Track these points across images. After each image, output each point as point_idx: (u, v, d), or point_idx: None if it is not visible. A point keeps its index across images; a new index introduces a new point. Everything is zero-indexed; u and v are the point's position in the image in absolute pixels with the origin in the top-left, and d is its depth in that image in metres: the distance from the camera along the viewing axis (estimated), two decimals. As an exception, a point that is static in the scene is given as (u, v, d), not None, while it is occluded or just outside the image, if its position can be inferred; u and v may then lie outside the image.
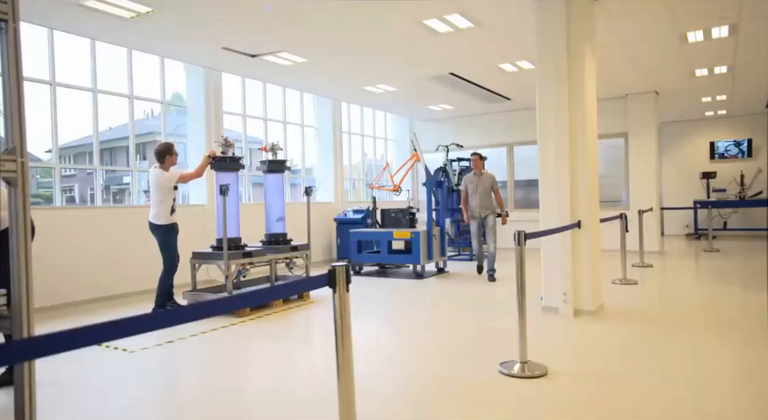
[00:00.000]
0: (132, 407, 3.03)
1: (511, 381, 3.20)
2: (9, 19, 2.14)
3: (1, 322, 2.23)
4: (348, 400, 1.76)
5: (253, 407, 2.95)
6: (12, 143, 2.15)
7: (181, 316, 1.42)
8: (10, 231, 2.17)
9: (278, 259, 6.16)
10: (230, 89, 8.66)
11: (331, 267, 1.79)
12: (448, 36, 6.36)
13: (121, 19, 5.61)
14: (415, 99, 10.41)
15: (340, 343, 1.76)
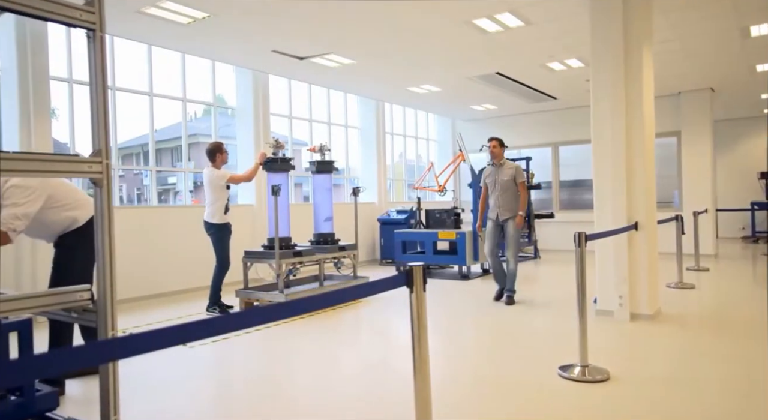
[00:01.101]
0: (196, 400, 3.13)
1: (571, 385, 3.15)
2: (96, 29, 2.23)
3: (87, 315, 2.34)
4: (424, 399, 1.77)
5: (326, 406, 3.00)
6: (98, 145, 2.26)
7: (270, 314, 1.47)
8: (95, 229, 2.27)
9: (326, 259, 6.25)
10: (276, 91, 8.83)
11: (408, 267, 1.80)
12: (496, 35, 6.31)
13: (179, 25, 5.80)
14: (459, 99, 10.35)
15: (416, 343, 1.77)
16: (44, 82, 5.77)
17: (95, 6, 2.25)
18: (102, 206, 2.26)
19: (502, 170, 5.72)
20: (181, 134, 7.85)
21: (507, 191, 5.65)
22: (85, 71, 6.41)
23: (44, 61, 5.75)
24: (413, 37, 6.46)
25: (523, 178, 5.70)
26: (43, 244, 3.61)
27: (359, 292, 1.68)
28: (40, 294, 2.31)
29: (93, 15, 2.25)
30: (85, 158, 2.21)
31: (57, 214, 3.18)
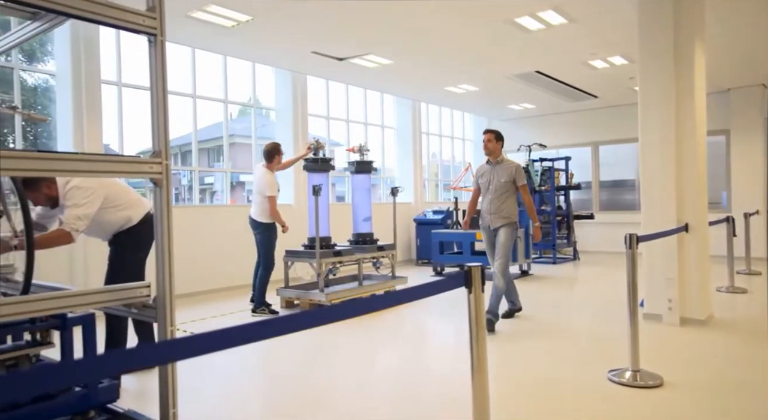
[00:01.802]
0: (244, 396, 3.19)
1: (622, 389, 3.08)
2: (158, 34, 2.30)
3: (146, 311, 2.41)
4: (482, 401, 1.76)
5: (382, 404, 3.02)
6: (158, 147, 2.33)
7: (331, 314, 1.49)
8: (155, 228, 2.34)
9: (365, 259, 6.28)
10: (313, 92, 8.91)
11: (467, 267, 1.79)
12: (538, 33, 6.22)
13: (223, 28, 5.93)
14: (496, 98, 10.25)
15: (474, 344, 1.76)
16: (95, 86, 5.98)
17: (156, 12, 2.32)
18: (162, 205, 2.32)
19: (500, 169, 4.74)
20: (215, 135, 8.03)
21: (503, 195, 4.69)
22: (133, 74, 6.63)
23: (95, 66, 5.97)
24: (453, 37, 6.43)
25: (525, 180, 4.76)
26: (93, 239, 3.74)
27: (419, 292, 1.68)
28: (103, 290, 2.39)
29: (154, 20, 2.32)
30: (146, 159, 2.28)
31: (113, 214, 3.30)
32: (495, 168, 4.79)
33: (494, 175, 4.76)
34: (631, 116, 10.11)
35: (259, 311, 5.46)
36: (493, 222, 4.73)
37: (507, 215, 4.69)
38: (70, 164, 2.11)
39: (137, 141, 8.23)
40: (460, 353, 3.89)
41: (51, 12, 2.31)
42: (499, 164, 4.78)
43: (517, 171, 4.73)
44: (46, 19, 2.78)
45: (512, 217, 4.70)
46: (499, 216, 4.70)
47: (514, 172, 4.71)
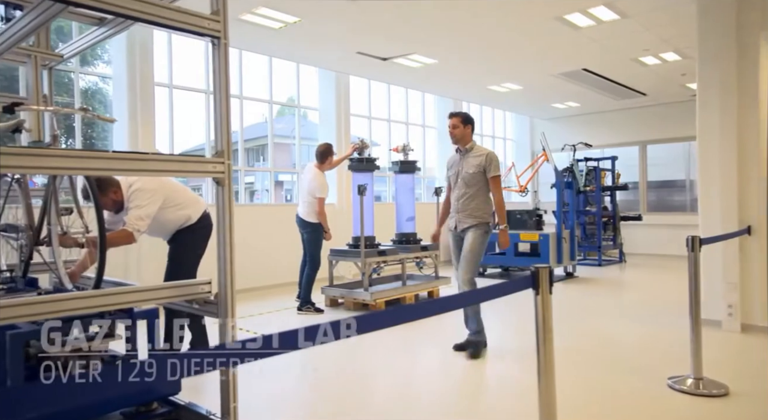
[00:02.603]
0: (299, 390, 3.23)
1: (684, 397, 2.97)
2: (221, 36, 2.35)
3: (208, 306, 2.47)
4: (550, 408, 1.73)
5: (430, 407, 3.01)
6: (220, 146, 2.38)
7: (403, 315, 1.48)
8: (217, 225, 2.40)
9: (409, 259, 6.27)
10: (354, 92, 8.95)
11: (534, 268, 1.76)
12: (588, 30, 6.07)
13: (270, 30, 6.03)
14: (540, 97, 10.07)
15: (542, 349, 1.73)
16: (149, 88, 6.19)
17: (220, 15, 2.37)
18: (224, 204, 2.37)
19: (469, 159, 3.96)
20: (254, 135, 8.15)
21: (471, 188, 3.91)
22: (184, 77, 6.81)
23: (149, 69, 6.17)
24: (499, 35, 6.35)
25: (498, 171, 3.93)
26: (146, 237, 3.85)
27: (485, 294, 1.66)
28: (168, 286, 2.46)
29: (218, 23, 2.37)
30: (210, 159, 2.33)
31: (173, 213, 3.40)
32: (464, 157, 4.01)
33: (462, 166, 4.00)
34: (681, 114, 9.68)
35: (304, 309, 5.52)
36: (461, 222, 3.93)
37: (477, 214, 3.86)
38: (140, 164, 2.19)
39: (182, 141, 8.45)
40: (517, 361, 3.83)
41: (121, 17, 2.41)
42: (469, 153, 3.98)
43: (488, 159, 3.89)
44: (112, 24, 2.89)
45: (483, 217, 3.87)
46: (467, 215, 3.90)
47: (485, 161, 3.89)
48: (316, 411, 3.03)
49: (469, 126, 4.04)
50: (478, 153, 3.97)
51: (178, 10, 2.25)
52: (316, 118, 8.67)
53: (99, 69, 6.62)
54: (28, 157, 1.79)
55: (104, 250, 2.34)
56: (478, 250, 3.83)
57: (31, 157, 1.79)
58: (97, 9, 2.08)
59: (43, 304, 1.95)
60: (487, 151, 3.98)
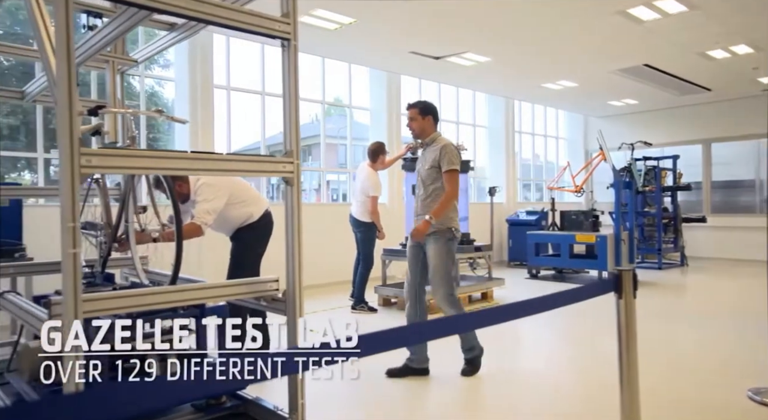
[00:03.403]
0: (362, 387, 3.24)
1: (765, 411, 2.80)
2: (291, 38, 2.40)
3: (275, 304, 2.52)
4: (634, 417, 1.66)
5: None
6: (289, 146, 2.42)
7: (506, 314, 1.46)
8: (285, 224, 2.43)
9: (462, 259, 6.20)
10: (406, 91, 8.93)
11: (617, 271, 1.70)
12: (652, 23, 5.83)
13: (326, 31, 6.10)
14: (596, 94, 9.76)
15: (624, 353, 1.67)
16: (209, 91, 6.39)
17: (290, 17, 2.42)
18: (292, 203, 2.41)
19: (427, 154, 3.48)
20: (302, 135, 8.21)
21: (429, 187, 3.42)
22: (242, 79, 6.98)
23: (209, 71, 6.36)
24: (557, 31, 6.20)
25: (454, 164, 3.36)
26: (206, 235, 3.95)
27: (565, 298, 1.61)
28: (238, 283, 2.53)
29: (288, 26, 2.41)
30: (279, 159, 2.38)
31: (237, 210, 3.48)
32: (424, 152, 3.53)
33: (421, 163, 3.52)
34: (750, 110, 9.16)
35: (358, 308, 5.56)
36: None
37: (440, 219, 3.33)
38: (216, 164, 2.25)
39: (234, 141, 8.65)
40: (592, 368, 3.73)
41: (198, 21, 2.48)
42: (429, 147, 3.47)
43: (442, 152, 3.35)
44: (183, 29, 2.99)
45: (444, 222, 3.31)
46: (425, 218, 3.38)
47: (439, 155, 3.35)
48: (382, 411, 3.04)
49: (428, 117, 3.51)
50: (435, 146, 3.42)
51: (251, 13, 2.31)
52: (364, 118, 8.70)
53: (155, 72, 6.88)
54: (117, 157, 1.88)
55: (181, 248, 2.42)
56: (443, 262, 3.28)
57: (121, 158, 1.87)
58: (178, 14, 2.16)
59: (126, 298, 2.04)
60: (444, 142, 3.42)
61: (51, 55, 1.84)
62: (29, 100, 3.59)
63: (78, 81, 1.95)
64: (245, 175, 3.30)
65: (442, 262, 3.29)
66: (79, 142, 1.75)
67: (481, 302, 6.00)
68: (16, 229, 4.03)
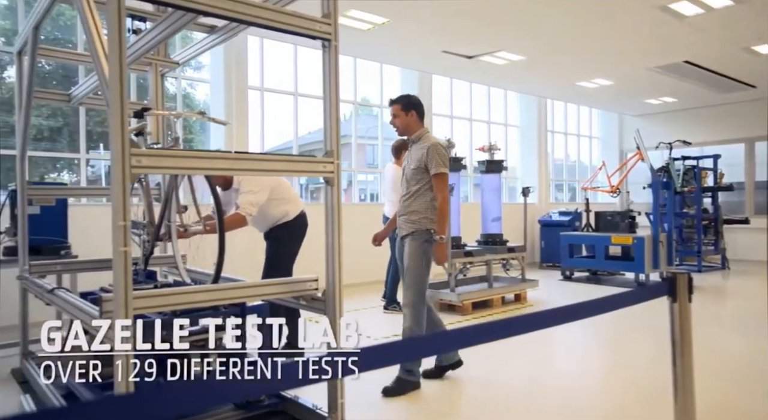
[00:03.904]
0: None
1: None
2: (332, 39, 2.40)
3: (315, 303, 2.53)
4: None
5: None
6: (330, 146, 2.42)
7: (550, 318, 1.43)
8: (325, 224, 2.44)
9: (495, 260, 6.14)
10: (436, 91, 8.87)
11: (671, 274, 1.65)
12: (695, 19, 5.65)
13: (359, 31, 6.11)
14: (633, 92, 9.53)
15: (679, 360, 1.61)
16: (243, 92, 6.48)
17: (331, 18, 2.42)
18: (332, 203, 2.42)
19: (413, 152, 3.33)
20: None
21: (413, 187, 3.27)
22: (275, 80, 7.05)
23: (244, 73, 6.45)
24: (594, 29, 6.07)
25: (443, 167, 3.19)
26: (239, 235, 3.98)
27: (616, 302, 1.57)
28: (278, 282, 2.55)
29: (329, 26, 2.42)
30: (320, 159, 2.39)
31: (276, 207, 3.52)
32: (411, 149, 3.36)
33: (407, 160, 3.37)
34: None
35: (390, 308, 5.55)
36: (400, 228, 3.31)
37: (414, 219, 3.22)
38: (259, 164, 2.28)
39: (268, 142, 8.75)
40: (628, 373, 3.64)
41: (239, 22, 2.51)
42: (415, 144, 3.31)
43: (429, 152, 3.17)
44: (223, 31, 3.03)
45: (422, 223, 3.19)
46: (405, 219, 3.27)
47: (426, 156, 3.18)
48: (422, 411, 3.02)
49: (412, 112, 3.31)
50: (422, 145, 3.25)
51: (293, 14, 2.32)
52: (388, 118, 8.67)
53: (187, 74, 7.00)
54: (165, 158, 1.92)
55: (223, 246, 2.46)
56: (415, 265, 3.18)
57: (169, 159, 1.91)
58: (223, 17, 2.19)
59: (174, 296, 2.08)
60: (430, 143, 3.22)
61: (103, 59, 1.89)
62: (75, 103, 3.71)
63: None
64: (287, 174, 3.33)
65: (415, 263, 3.19)
66: (130, 143, 1.79)
67: (514, 304, 5.93)
68: (61, 228, 4.15)
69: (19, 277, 3.32)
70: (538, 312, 1.48)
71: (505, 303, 5.86)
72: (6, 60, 5.74)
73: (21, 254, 3.30)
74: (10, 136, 5.68)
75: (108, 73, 1.81)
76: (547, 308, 4.99)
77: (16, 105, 3.39)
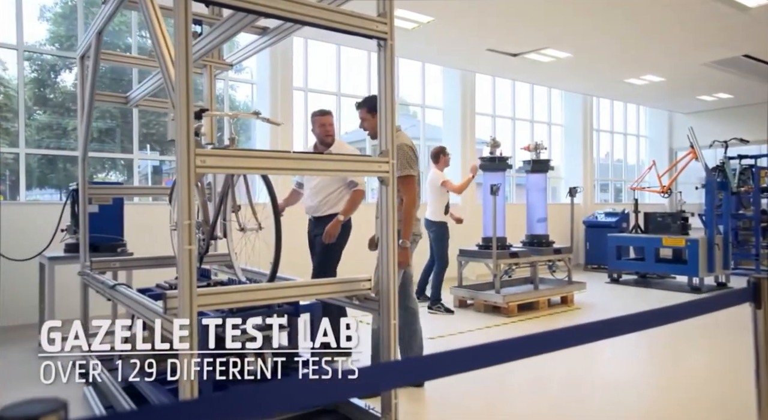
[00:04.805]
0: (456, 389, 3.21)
1: None
2: (388, 38, 2.38)
3: (368, 303, 2.52)
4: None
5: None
6: (385, 146, 2.41)
7: (622, 326, 1.37)
8: (380, 224, 2.43)
9: (541, 261, 6.02)
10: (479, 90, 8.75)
11: (754, 278, 1.56)
12: (759, 10, 5.39)
13: (403, 31, 6.08)
14: (685, 89, 9.17)
15: (763, 372, 1.52)
16: (288, 92, 6.56)
17: (387, 17, 2.40)
18: (387, 203, 2.39)
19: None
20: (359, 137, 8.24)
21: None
22: (318, 81, 7.11)
23: (289, 74, 6.53)
24: (646, 23, 5.86)
25: (409, 168, 3.19)
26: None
27: (696, 308, 1.49)
28: (333, 282, 2.55)
29: (385, 25, 2.40)
30: (376, 158, 2.37)
31: (345, 195, 3.61)
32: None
33: None
34: None
35: (434, 308, 5.52)
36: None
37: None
38: (316, 163, 2.28)
39: (312, 141, 8.80)
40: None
41: (297, 23, 2.51)
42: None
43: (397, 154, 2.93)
44: (275, 33, 3.06)
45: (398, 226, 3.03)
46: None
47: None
48: (476, 413, 2.98)
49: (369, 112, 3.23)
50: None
51: (349, 14, 2.32)
52: (432, 119, 8.58)
53: (229, 75, 7.12)
54: (228, 158, 1.94)
55: (280, 245, 2.48)
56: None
57: (232, 159, 1.94)
58: (281, 17, 2.21)
59: (235, 293, 2.11)
60: (398, 142, 2.99)
61: (170, 63, 1.93)
62: (132, 105, 3.83)
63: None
64: (344, 174, 3.34)
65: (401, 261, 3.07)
66: (195, 144, 1.83)
67: (560, 306, 5.79)
68: (118, 226, 4.29)
69: (80, 272, 3.43)
70: (610, 319, 1.42)
71: (551, 305, 5.73)
72: (60, 65, 5.99)
73: (82, 251, 3.41)
74: (62, 138, 5.95)
75: (174, 77, 1.85)
76: (596, 312, 4.86)
77: (78, 108, 3.51)
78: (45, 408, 0.54)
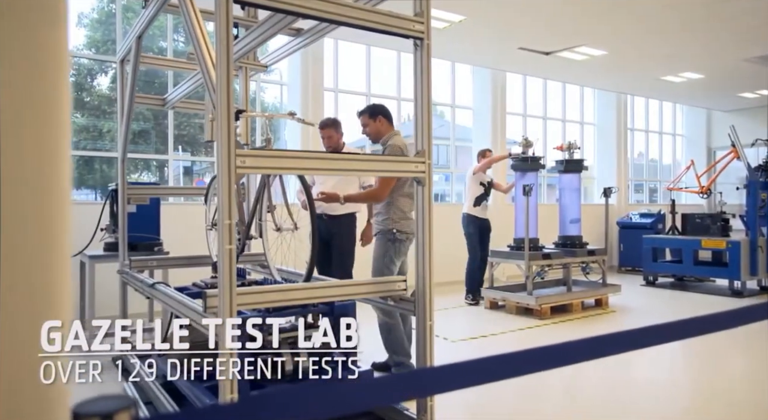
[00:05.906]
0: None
1: None
2: (424, 38, 2.37)
3: (403, 304, 2.51)
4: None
5: None
6: (421, 146, 2.39)
7: (670, 332, 1.32)
8: (417, 224, 2.41)
9: (574, 263, 5.91)
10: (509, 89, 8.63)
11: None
12: (805, 3, 5.17)
13: (435, 30, 6.05)
14: (725, 86, 8.88)
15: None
16: (319, 93, 6.60)
17: (424, 16, 2.39)
18: (423, 203, 2.38)
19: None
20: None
21: None
22: (349, 81, 7.13)
23: (320, 75, 6.57)
24: (684, 17, 5.69)
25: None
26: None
27: (744, 316, 1.43)
28: (368, 282, 2.55)
29: (422, 25, 2.38)
30: (412, 158, 2.36)
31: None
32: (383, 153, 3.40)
33: None
34: None
35: (468, 299, 5.75)
36: (374, 230, 3.48)
37: (379, 220, 3.36)
38: (351, 163, 2.27)
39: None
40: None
41: (333, 23, 2.52)
42: (384, 147, 3.32)
43: (385, 154, 3.20)
44: (309, 34, 3.07)
45: (385, 224, 3.29)
46: (374, 222, 3.45)
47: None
48: (512, 414, 2.94)
49: (379, 117, 3.37)
50: (384, 145, 3.29)
51: (386, 14, 2.31)
52: (462, 119, 8.50)
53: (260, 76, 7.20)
54: (267, 158, 1.96)
55: (316, 245, 2.49)
56: (378, 264, 3.28)
57: (270, 159, 1.95)
58: (319, 19, 2.22)
59: (274, 293, 2.13)
60: (390, 143, 3.22)
61: (211, 66, 1.95)
62: (169, 107, 3.91)
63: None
64: (380, 174, 3.34)
65: (377, 263, 3.29)
66: (235, 145, 1.84)
67: (595, 309, 5.67)
68: (155, 226, 4.38)
69: (119, 271, 3.52)
70: (658, 325, 1.37)
71: (584, 308, 5.62)
72: (96, 69, 6.16)
73: (121, 250, 3.49)
74: (98, 140, 6.11)
75: (215, 79, 1.87)
76: (632, 315, 4.75)
77: (118, 110, 3.60)
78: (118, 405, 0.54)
